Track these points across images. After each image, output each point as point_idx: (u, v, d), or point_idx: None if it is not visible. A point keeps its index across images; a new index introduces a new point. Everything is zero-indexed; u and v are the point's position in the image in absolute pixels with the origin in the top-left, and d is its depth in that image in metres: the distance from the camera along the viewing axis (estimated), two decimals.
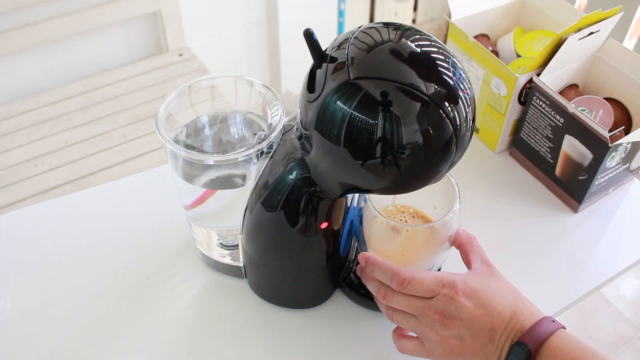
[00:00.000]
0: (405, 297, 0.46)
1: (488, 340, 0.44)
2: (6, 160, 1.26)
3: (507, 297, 0.45)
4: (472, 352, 0.44)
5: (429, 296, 0.45)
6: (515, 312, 0.44)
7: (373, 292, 0.49)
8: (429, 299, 0.45)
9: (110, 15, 1.43)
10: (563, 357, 0.41)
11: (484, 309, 0.44)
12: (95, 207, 0.65)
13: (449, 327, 0.44)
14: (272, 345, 0.54)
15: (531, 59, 0.69)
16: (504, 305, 0.45)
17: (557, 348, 0.42)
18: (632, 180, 0.70)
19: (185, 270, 0.59)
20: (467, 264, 0.50)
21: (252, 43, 1.77)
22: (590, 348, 0.42)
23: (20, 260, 0.60)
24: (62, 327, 0.54)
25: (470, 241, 0.51)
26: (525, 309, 0.45)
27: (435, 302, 0.45)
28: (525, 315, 0.44)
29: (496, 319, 0.44)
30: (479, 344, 0.44)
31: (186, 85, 0.51)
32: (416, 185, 0.42)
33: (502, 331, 0.44)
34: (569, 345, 0.42)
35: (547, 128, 0.65)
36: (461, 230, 0.51)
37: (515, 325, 0.44)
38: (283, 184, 0.46)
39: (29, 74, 1.45)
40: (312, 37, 0.40)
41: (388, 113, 0.38)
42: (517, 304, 0.45)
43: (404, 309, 0.47)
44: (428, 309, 0.45)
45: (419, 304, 0.46)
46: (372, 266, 0.47)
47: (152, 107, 1.40)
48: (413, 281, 0.45)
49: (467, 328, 0.44)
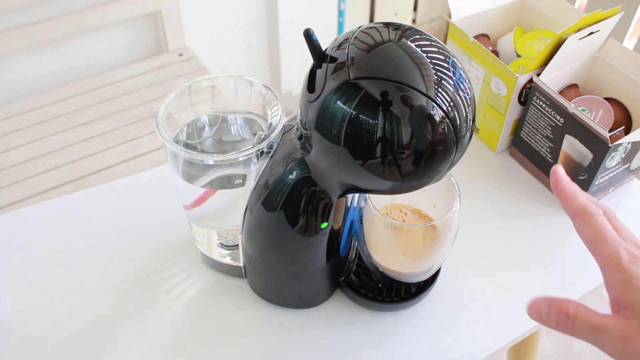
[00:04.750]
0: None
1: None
2: (6, 160, 1.26)
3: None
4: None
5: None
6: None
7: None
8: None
9: (110, 15, 1.43)
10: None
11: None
12: (95, 207, 0.65)
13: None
14: (272, 345, 0.54)
15: (531, 59, 0.69)
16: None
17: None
18: (632, 180, 0.70)
19: (185, 270, 0.59)
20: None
21: (252, 43, 1.77)
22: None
23: (20, 260, 0.60)
24: (62, 327, 0.54)
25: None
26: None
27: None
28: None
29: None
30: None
31: (186, 85, 0.51)
32: (416, 185, 0.42)
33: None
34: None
35: (547, 128, 0.65)
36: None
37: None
38: (283, 184, 0.46)
39: (29, 74, 1.45)
40: (312, 37, 0.40)
41: (388, 113, 0.38)
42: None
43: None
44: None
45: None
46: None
47: (152, 107, 1.40)
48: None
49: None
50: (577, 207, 0.40)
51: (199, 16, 1.60)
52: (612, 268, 0.37)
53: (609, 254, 0.37)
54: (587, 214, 0.39)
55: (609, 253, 0.37)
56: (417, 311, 0.56)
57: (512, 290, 0.58)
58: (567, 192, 0.41)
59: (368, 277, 0.57)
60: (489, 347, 0.54)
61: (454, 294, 0.58)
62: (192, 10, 1.58)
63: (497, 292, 0.58)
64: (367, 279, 0.57)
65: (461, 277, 0.59)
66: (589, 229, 0.39)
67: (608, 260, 0.37)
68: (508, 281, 0.59)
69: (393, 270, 0.53)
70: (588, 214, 0.39)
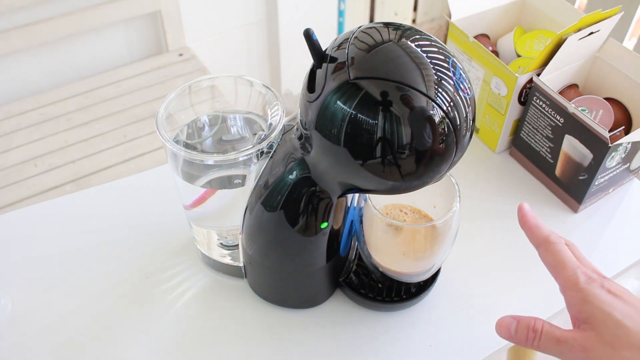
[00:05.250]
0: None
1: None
2: (6, 160, 1.26)
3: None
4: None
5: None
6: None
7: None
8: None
9: (110, 15, 1.43)
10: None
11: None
12: (95, 207, 0.65)
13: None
14: (272, 345, 0.54)
15: (531, 59, 0.69)
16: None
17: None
18: (632, 180, 0.70)
19: (185, 270, 0.59)
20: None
21: (252, 43, 1.77)
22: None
23: (20, 260, 0.60)
24: (62, 327, 0.54)
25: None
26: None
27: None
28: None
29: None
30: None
31: (186, 85, 0.51)
32: (416, 185, 0.42)
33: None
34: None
35: (547, 128, 0.65)
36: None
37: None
38: (283, 184, 0.46)
39: (29, 74, 1.45)
40: (312, 37, 0.40)
41: (388, 113, 0.38)
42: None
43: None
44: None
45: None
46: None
47: (152, 107, 1.40)
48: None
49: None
50: (540, 236, 0.45)
51: (199, 16, 1.60)
52: (571, 289, 0.41)
53: (568, 276, 0.42)
54: (550, 242, 0.44)
55: (568, 276, 0.42)
56: (417, 311, 0.56)
57: (512, 290, 0.58)
58: (532, 224, 0.46)
59: (368, 277, 0.57)
60: (489, 347, 0.54)
61: (454, 294, 0.58)
62: (192, 10, 1.58)
63: (497, 292, 0.58)
64: (367, 279, 0.57)
65: (461, 277, 0.59)
66: (551, 256, 0.44)
67: (567, 282, 0.42)
68: (508, 281, 0.59)
69: (393, 270, 0.53)
70: (550, 242, 0.44)
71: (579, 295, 0.41)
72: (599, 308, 0.39)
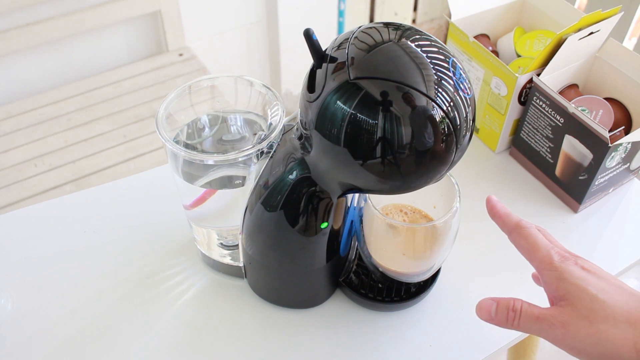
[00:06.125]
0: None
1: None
2: (6, 160, 1.26)
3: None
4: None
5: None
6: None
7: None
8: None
9: (110, 15, 1.43)
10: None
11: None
12: (95, 207, 0.65)
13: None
14: (272, 345, 0.54)
15: (531, 59, 0.69)
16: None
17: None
18: (632, 180, 0.70)
19: (185, 270, 0.59)
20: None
21: (252, 43, 1.77)
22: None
23: (20, 260, 0.60)
24: (62, 327, 0.54)
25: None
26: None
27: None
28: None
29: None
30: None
31: (186, 85, 0.51)
32: (416, 185, 0.42)
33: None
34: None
35: (547, 128, 0.65)
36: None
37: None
38: (283, 184, 0.46)
39: (29, 74, 1.45)
40: (312, 37, 0.40)
41: (388, 113, 0.38)
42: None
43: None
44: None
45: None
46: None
47: (152, 107, 1.40)
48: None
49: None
50: (511, 223, 0.45)
51: (199, 16, 1.60)
52: (546, 268, 0.42)
53: (542, 257, 0.42)
54: (521, 227, 0.45)
55: (542, 256, 0.42)
56: (417, 311, 0.56)
57: (512, 290, 0.58)
58: (502, 213, 0.47)
59: (368, 277, 0.57)
60: (489, 347, 0.54)
61: (454, 294, 0.58)
62: (192, 10, 1.58)
63: (497, 292, 0.58)
64: (367, 279, 0.57)
65: (461, 277, 0.59)
66: (524, 240, 0.44)
67: (542, 262, 0.42)
68: (508, 281, 0.59)
69: (393, 270, 0.53)
70: (521, 227, 0.45)
71: (554, 274, 0.41)
72: (574, 284, 0.40)
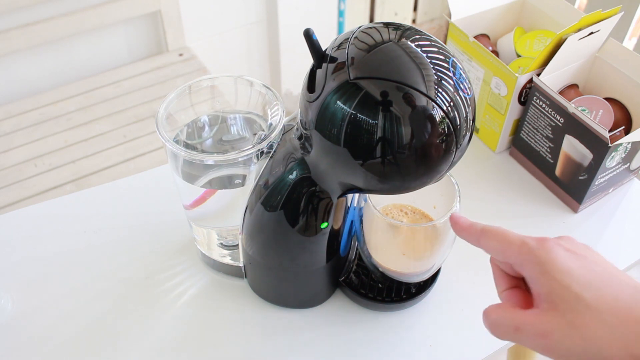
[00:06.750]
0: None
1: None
2: (6, 160, 1.26)
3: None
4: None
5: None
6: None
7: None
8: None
9: (110, 15, 1.43)
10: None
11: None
12: (95, 207, 0.65)
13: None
14: (272, 345, 0.54)
15: (531, 59, 0.69)
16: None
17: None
18: (632, 180, 0.70)
19: (185, 270, 0.59)
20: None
21: (252, 43, 1.77)
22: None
23: (20, 260, 0.60)
24: (62, 327, 0.54)
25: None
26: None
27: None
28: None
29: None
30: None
31: (186, 85, 0.51)
32: (416, 185, 0.42)
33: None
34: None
35: (547, 128, 0.65)
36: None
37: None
38: (283, 184, 0.46)
39: (29, 74, 1.45)
40: (312, 37, 0.40)
41: (388, 113, 0.38)
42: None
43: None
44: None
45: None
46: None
47: (152, 107, 1.40)
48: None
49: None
50: (477, 230, 0.41)
51: (199, 16, 1.60)
52: (526, 260, 0.37)
53: (518, 249, 0.37)
54: (487, 230, 0.40)
55: (518, 248, 0.37)
56: (417, 311, 0.56)
57: None
58: (466, 225, 0.43)
59: (368, 277, 0.57)
60: (489, 347, 0.54)
61: (454, 294, 0.58)
62: (192, 10, 1.58)
63: None
64: (367, 279, 0.57)
65: (461, 277, 0.59)
66: (493, 240, 0.40)
67: (519, 254, 0.37)
68: None
69: (393, 270, 0.53)
70: (487, 230, 0.40)
71: (537, 268, 0.36)
72: (557, 280, 0.35)
